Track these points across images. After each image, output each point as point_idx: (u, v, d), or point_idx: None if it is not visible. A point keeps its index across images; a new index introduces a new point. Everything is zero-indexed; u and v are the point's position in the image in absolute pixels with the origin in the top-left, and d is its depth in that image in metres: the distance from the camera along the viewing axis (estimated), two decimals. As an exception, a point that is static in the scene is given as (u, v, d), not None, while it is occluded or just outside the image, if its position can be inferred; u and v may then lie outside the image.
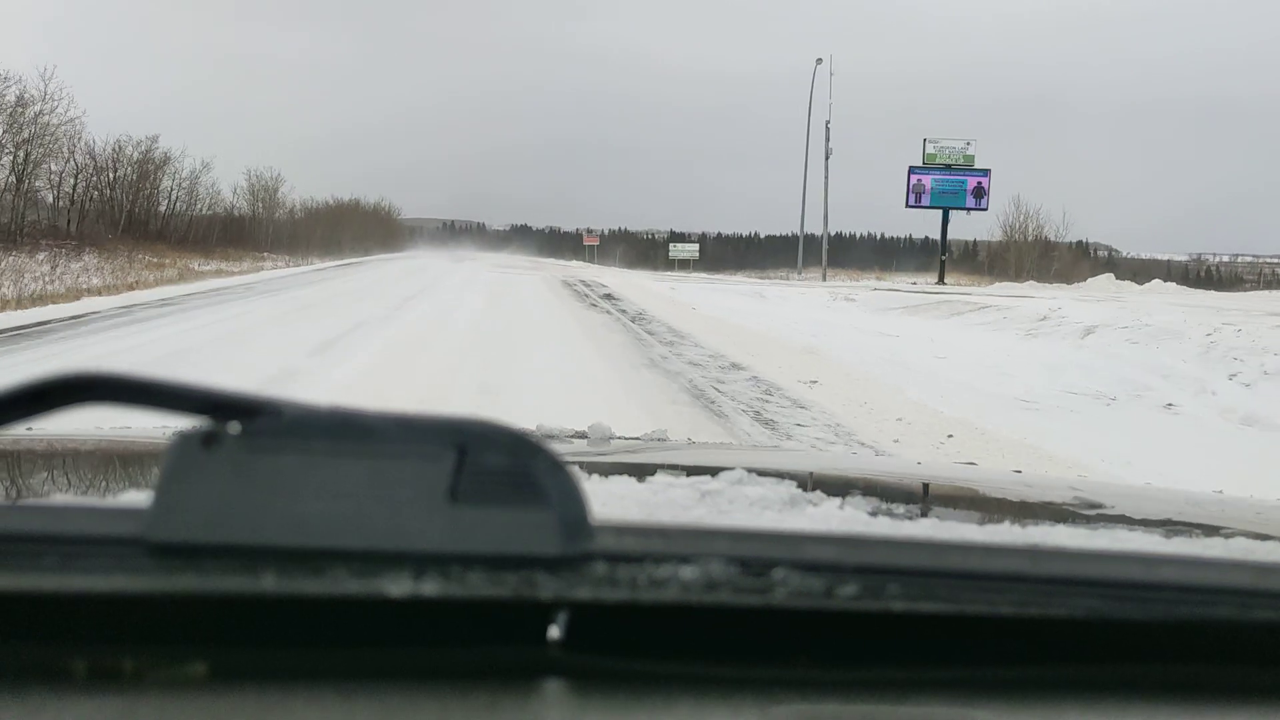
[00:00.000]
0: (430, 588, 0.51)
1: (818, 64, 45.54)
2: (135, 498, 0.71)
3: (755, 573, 0.54)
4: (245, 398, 0.53)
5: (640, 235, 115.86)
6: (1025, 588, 0.57)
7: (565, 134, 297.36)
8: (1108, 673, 0.58)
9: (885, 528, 0.81)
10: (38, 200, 32.39)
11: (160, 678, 0.52)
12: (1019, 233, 54.23)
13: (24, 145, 30.39)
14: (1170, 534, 0.84)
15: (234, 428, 0.52)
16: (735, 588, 0.54)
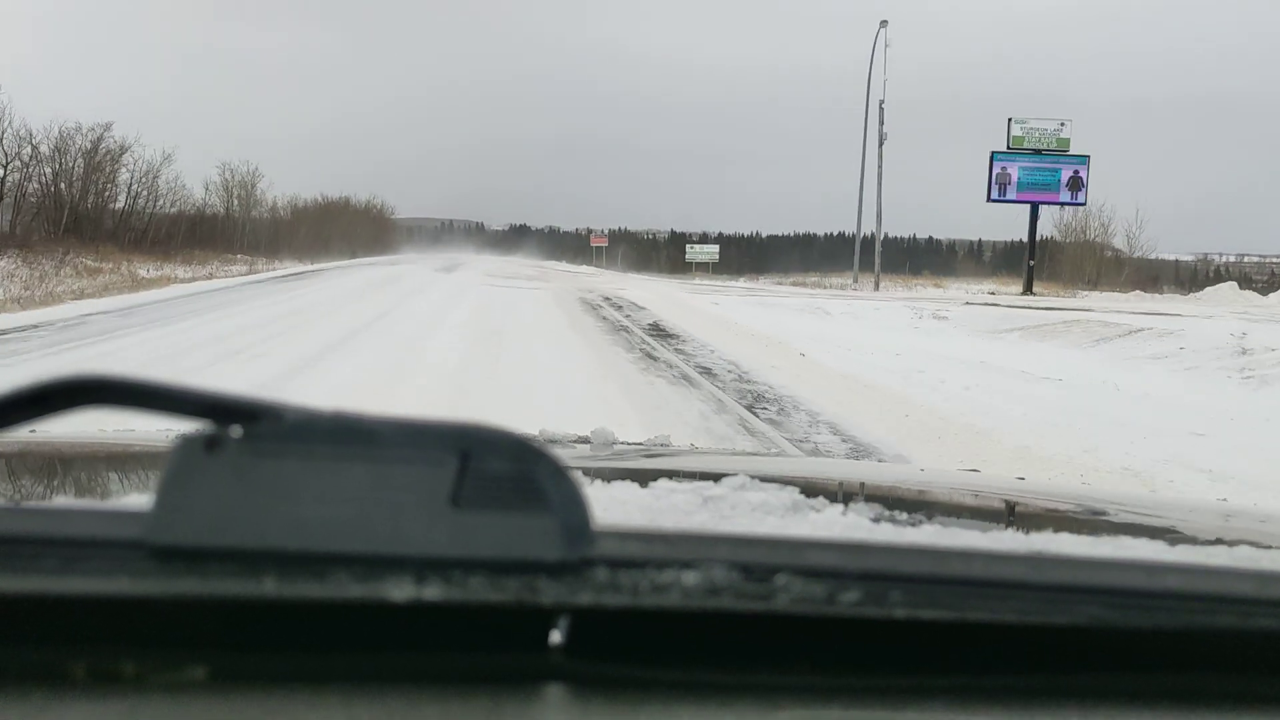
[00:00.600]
0: (432, 592, 0.51)
1: (882, 26, 36.69)
2: (137, 500, 0.71)
3: (757, 578, 0.54)
4: (248, 401, 0.54)
5: (640, 235, 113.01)
6: (1028, 595, 0.57)
7: (562, 130, 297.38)
8: (1110, 680, 0.58)
9: (888, 534, 0.80)
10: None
11: (162, 681, 0.52)
12: (1077, 233, 44.62)
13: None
14: (1173, 542, 0.83)
15: (236, 431, 0.52)
16: (737, 593, 0.54)
